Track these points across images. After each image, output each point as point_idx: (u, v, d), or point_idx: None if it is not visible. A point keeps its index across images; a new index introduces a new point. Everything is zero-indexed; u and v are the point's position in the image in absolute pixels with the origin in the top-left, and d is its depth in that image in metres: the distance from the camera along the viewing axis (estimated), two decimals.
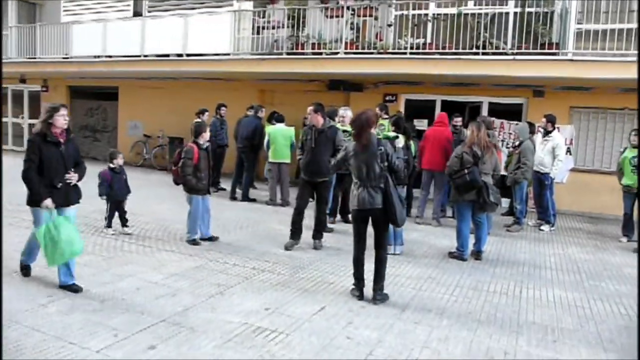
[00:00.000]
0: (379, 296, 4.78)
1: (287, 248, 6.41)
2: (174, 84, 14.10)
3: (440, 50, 9.80)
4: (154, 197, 9.79)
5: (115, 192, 6.78)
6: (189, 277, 5.22)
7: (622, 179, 7.99)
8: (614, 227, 8.80)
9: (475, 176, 6.08)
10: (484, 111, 11.08)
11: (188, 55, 11.94)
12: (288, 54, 11.15)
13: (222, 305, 4.51)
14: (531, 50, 9.17)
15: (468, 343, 4.06)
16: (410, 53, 9.91)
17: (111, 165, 6.84)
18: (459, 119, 9.30)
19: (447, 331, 4.26)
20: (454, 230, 8.10)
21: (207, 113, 10.33)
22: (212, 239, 6.70)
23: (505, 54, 9.33)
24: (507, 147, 10.37)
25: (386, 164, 4.65)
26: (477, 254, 6.59)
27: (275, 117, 9.76)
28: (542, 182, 8.39)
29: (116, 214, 6.90)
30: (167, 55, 12.27)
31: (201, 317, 4.20)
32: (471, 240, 6.61)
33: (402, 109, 11.73)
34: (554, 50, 9.18)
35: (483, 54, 9.44)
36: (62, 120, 4.53)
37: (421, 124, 11.44)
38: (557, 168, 8.30)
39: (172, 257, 5.92)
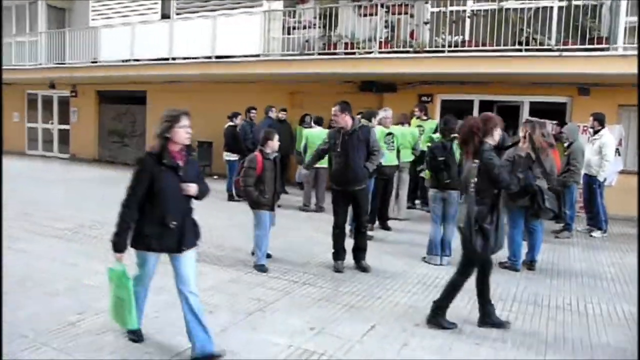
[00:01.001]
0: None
1: (339, 270, 5.74)
2: (202, 87, 13.88)
3: (480, 48, 9.32)
4: None
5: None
6: (225, 291, 4.89)
7: None
8: None
9: (530, 181, 5.60)
10: (525, 111, 10.56)
11: (217, 57, 11.70)
12: (320, 54, 10.82)
13: (263, 323, 4.16)
14: (579, 46, 8.64)
15: None
16: (448, 51, 9.47)
17: None
18: None
19: (514, 354, 3.84)
20: None
21: (239, 116, 10.05)
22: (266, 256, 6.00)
23: (551, 50, 8.81)
24: None
25: (475, 180, 4.04)
26: (530, 264, 6.12)
27: (314, 120, 9.40)
28: (590, 185, 7.85)
29: None
30: (196, 58, 12.05)
31: (242, 338, 3.86)
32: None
33: (438, 110, 11.30)
34: (603, 45, 8.62)
35: (526, 50, 8.93)
36: (183, 134, 3.37)
37: (458, 126, 10.99)
38: (605, 169, 7.74)
39: (204, 268, 5.59)
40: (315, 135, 9.12)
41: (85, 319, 4.08)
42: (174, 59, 12.38)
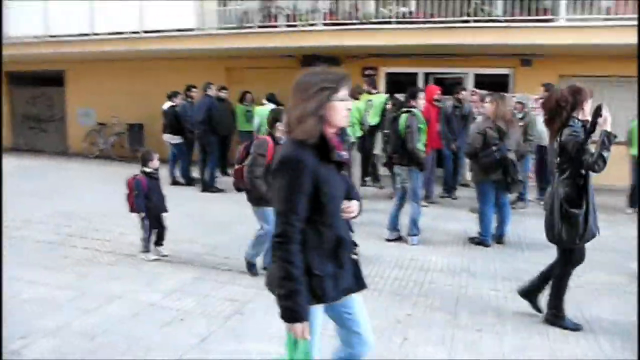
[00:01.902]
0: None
1: None
2: (130, 65, 12.72)
3: (428, 19, 9.09)
4: (122, 193, 8.66)
5: (154, 204, 5.23)
6: (193, 293, 4.33)
7: (631, 149, 7.63)
8: (610, 197, 8.51)
9: (505, 153, 5.45)
10: (469, 83, 10.53)
11: (145, 31, 10.69)
12: (260, 27, 10.15)
13: (246, 329, 3.67)
14: (525, 17, 8.63)
15: (549, 350, 3.45)
16: (396, 22, 9.17)
17: (147, 170, 5.24)
18: (465, 92, 8.59)
19: (518, 339, 3.63)
20: (457, 211, 7.57)
21: (179, 95, 9.24)
22: None
23: (498, 21, 8.74)
24: None
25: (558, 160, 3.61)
26: (500, 238, 6.03)
27: (267, 97, 8.79)
28: (544, 156, 7.90)
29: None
30: (121, 33, 10.95)
31: (226, 350, 3.36)
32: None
33: (383, 84, 11.05)
34: (549, 17, 8.67)
35: (474, 21, 8.81)
36: (343, 110, 2.13)
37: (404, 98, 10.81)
38: None
39: (163, 267, 4.99)
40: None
41: (31, 344, 3.38)
42: (96, 34, 11.18)
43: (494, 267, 5.16)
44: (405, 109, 5.94)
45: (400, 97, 10.72)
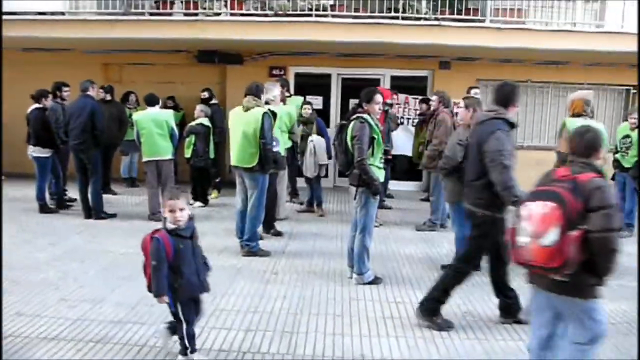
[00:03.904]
0: None
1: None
2: None
3: (353, 14, 8.16)
4: None
5: (186, 281, 3.04)
6: None
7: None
8: None
9: None
10: (386, 85, 9.86)
11: None
12: (151, 14, 8.43)
13: None
14: (456, 17, 8.10)
15: None
16: (316, 15, 8.10)
17: (170, 226, 3.01)
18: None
19: None
20: (401, 230, 6.84)
21: (49, 97, 7.10)
22: None
23: (427, 19, 8.11)
24: (413, 125, 9.33)
25: None
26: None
27: (146, 99, 7.04)
28: None
29: None
30: None
31: None
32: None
33: (291, 85, 9.93)
34: (480, 17, 8.25)
35: (403, 18, 8.09)
36: None
37: (315, 101, 9.80)
38: None
39: (63, 351, 3.29)
40: (147, 119, 6.83)
41: None
42: None
43: (494, 306, 4.28)
44: (355, 116, 4.84)
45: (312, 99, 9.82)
